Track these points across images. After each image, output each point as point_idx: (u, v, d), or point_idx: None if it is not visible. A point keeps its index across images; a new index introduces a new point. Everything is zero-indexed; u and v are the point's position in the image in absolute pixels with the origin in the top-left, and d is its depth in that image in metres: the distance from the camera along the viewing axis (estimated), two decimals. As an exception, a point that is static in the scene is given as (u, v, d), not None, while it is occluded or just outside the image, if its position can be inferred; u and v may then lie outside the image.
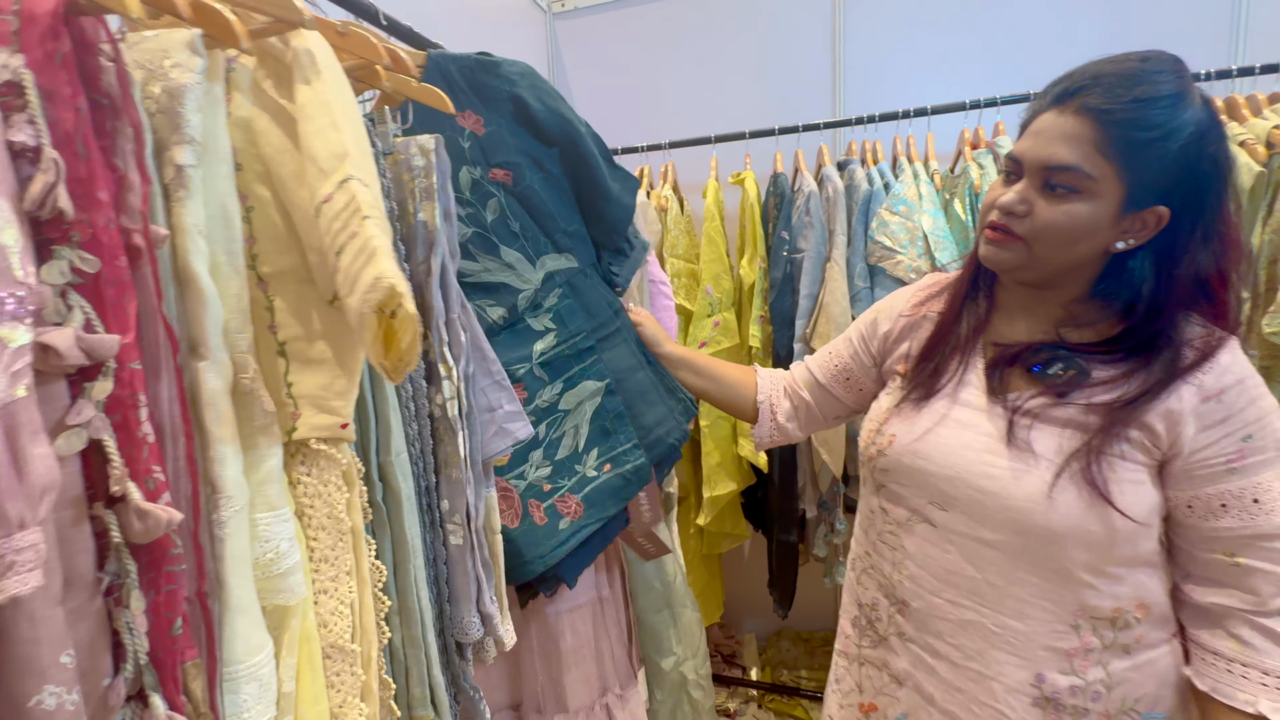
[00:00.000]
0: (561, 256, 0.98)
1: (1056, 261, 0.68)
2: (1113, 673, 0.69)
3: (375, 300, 0.50)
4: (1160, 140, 0.62)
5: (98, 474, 0.39)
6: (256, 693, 0.50)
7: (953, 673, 0.74)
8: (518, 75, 0.94)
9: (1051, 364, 0.71)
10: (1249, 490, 0.64)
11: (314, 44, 0.56)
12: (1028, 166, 0.67)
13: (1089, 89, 0.63)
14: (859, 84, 1.87)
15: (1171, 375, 0.66)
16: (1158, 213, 0.65)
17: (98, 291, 0.38)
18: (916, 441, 0.76)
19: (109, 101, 0.41)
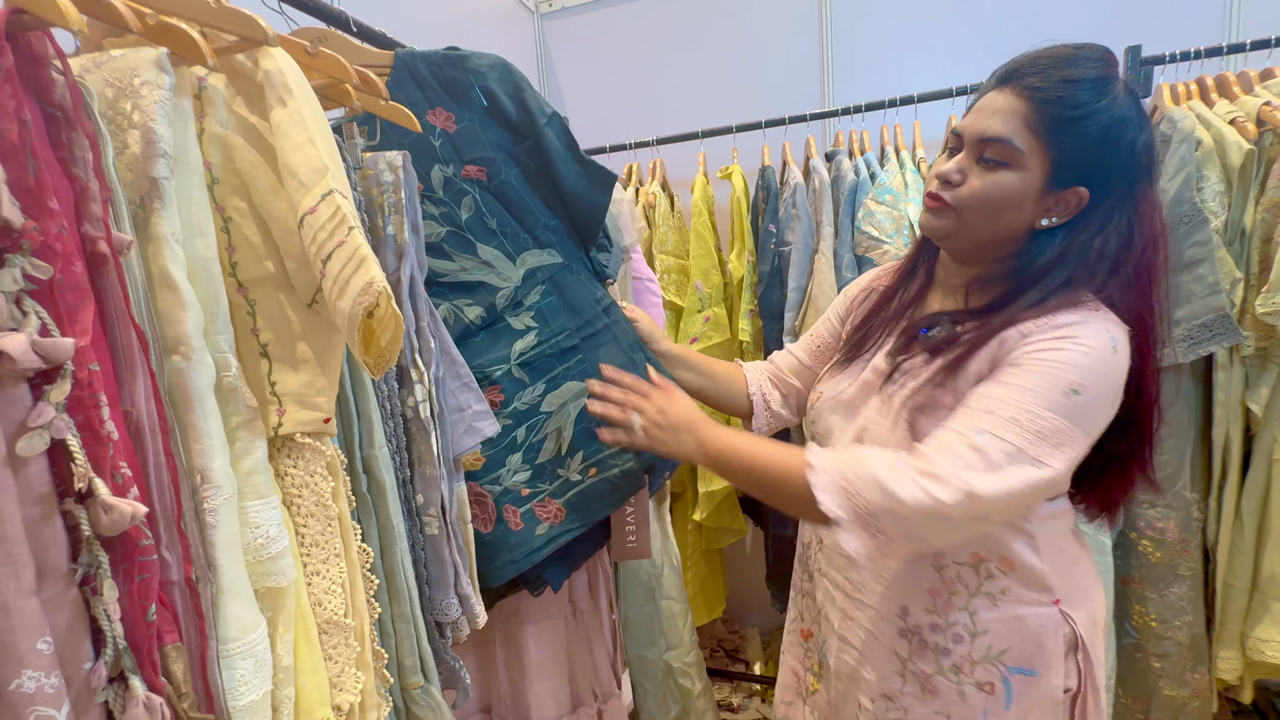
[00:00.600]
0: (544, 252, 0.93)
1: (984, 229, 0.71)
2: (978, 620, 0.73)
3: (367, 303, 0.52)
4: (1082, 120, 0.65)
5: (66, 472, 0.39)
6: (252, 668, 0.51)
7: (846, 602, 0.82)
8: (487, 68, 0.89)
9: (933, 327, 0.76)
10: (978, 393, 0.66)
11: (284, 64, 0.56)
12: (966, 139, 0.71)
13: (1026, 70, 0.67)
14: (848, 74, 1.85)
15: (1005, 324, 0.68)
16: (1078, 193, 0.68)
17: (53, 297, 0.39)
18: (834, 398, 0.84)
19: (62, 113, 0.41)
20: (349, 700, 0.60)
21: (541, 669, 1.00)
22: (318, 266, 0.55)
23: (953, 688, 0.74)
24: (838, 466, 0.67)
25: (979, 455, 0.63)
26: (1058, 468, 0.63)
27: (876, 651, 0.79)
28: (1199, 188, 1.29)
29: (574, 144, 0.93)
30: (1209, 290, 1.27)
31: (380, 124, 0.84)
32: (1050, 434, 0.63)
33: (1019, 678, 0.73)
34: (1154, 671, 1.40)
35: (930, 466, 0.64)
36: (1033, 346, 0.66)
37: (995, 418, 0.64)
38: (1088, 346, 0.64)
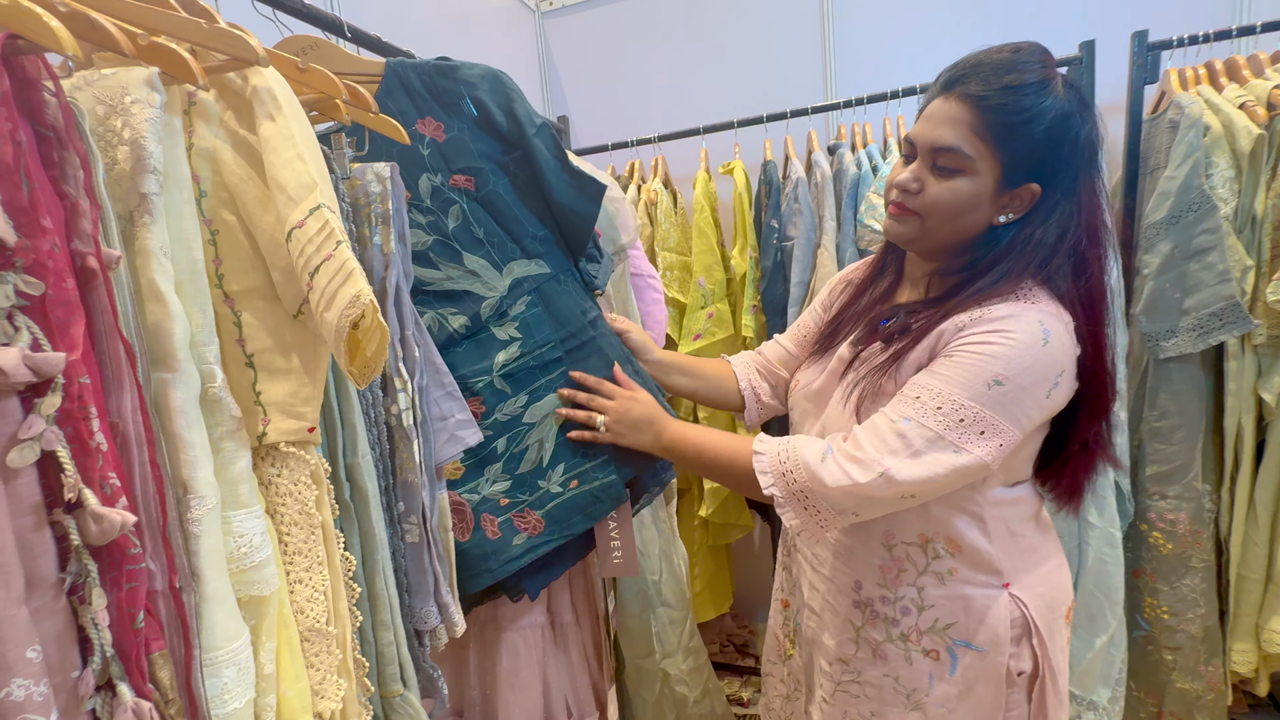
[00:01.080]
0: (531, 262, 0.93)
1: (946, 232, 0.74)
2: (925, 595, 0.78)
3: (353, 315, 0.52)
4: (1027, 123, 0.68)
5: (56, 483, 0.40)
6: (235, 676, 0.52)
7: (813, 575, 0.88)
8: (477, 78, 0.89)
9: (891, 318, 0.80)
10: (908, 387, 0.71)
11: (273, 81, 0.57)
12: (919, 148, 0.73)
13: (969, 77, 0.69)
14: (850, 66, 1.82)
15: (945, 316, 0.72)
16: (1031, 189, 0.71)
17: (44, 312, 0.39)
18: (804, 387, 0.89)
19: (54, 133, 0.42)
20: (331, 708, 0.60)
21: (513, 679, 0.99)
22: (305, 279, 0.55)
23: (900, 653, 0.79)
24: (776, 451, 0.76)
25: (902, 440, 0.68)
26: (978, 454, 0.68)
27: (834, 620, 0.85)
28: (1208, 174, 1.26)
29: (563, 154, 0.93)
30: (1219, 278, 1.24)
31: (369, 134, 0.84)
32: (972, 422, 0.67)
33: (964, 649, 0.77)
34: (1166, 664, 1.38)
35: (855, 451, 0.70)
36: (964, 340, 0.69)
37: (922, 405, 0.69)
38: (1015, 340, 0.67)
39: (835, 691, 0.85)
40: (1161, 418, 1.35)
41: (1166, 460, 1.35)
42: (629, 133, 1.78)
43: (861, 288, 0.91)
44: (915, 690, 0.79)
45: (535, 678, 1.01)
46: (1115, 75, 1.48)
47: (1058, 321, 0.69)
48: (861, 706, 0.83)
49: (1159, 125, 1.38)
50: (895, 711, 0.80)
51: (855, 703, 0.83)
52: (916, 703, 0.79)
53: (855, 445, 0.71)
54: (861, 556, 0.81)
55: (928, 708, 0.79)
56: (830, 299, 0.99)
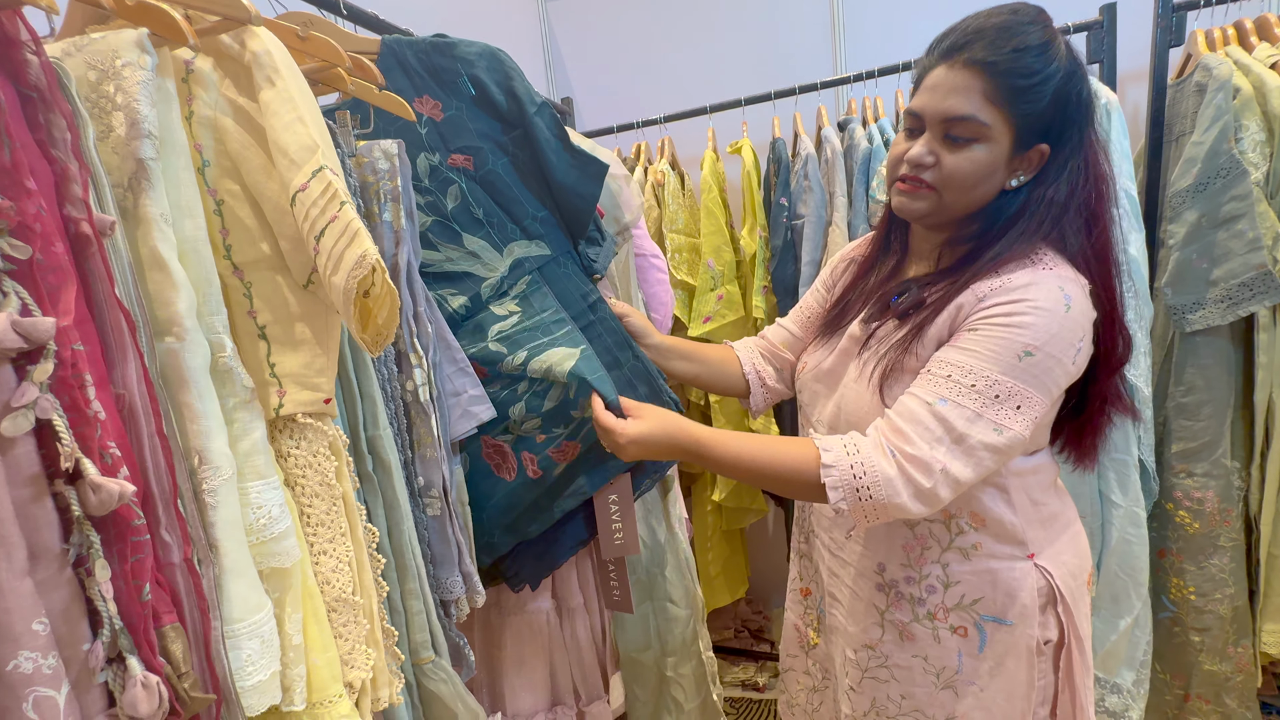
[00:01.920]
0: (532, 244, 0.90)
1: (963, 203, 0.73)
2: (950, 572, 0.76)
3: (361, 275, 0.50)
4: (1039, 85, 0.67)
5: (54, 453, 0.38)
6: (259, 649, 0.51)
7: (832, 561, 0.86)
8: (475, 56, 0.87)
9: (902, 294, 0.78)
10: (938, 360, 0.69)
11: (270, 45, 0.55)
12: (928, 120, 0.71)
13: (972, 43, 0.67)
14: (859, 39, 1.76)
15: (963, 287, 0.70)
16: (1040, 150, 0.70)
17: (33, 277, 0.38)
18: (816, 368, 0.86)
19: (38, 94, 0.40)
20: (360, 677, 0.60)
21: (518, 662, 0.98)
22: (311, 243, 0.53)
23: (928, 632, 0.77)
24: (848, 463, 0.69)
25: (944, 425, 0.66)
26: (1016, 429, 0.66)
27: (856, 605, 0.82)
28: (1237, 138, 1.21)
29: (564, 134, 0.90)
30: (1249, 247, 1.19)
31: (373, 112, 0.83)
32: (1007, 397, 0.66)
33: (992, 625, 0.75)
34: (1194, 646, 1.35)
35: (909, 448, 0.66)
36: (987, 311, 0.67)
37: (955, 384, 0.66)
38: (1040, 307, 0.65)
39: (863, 679, 0.82)
40: (1188, 393, 1.31)
41: (1193, 437, 1.31)
42: (634, 114, 1.75)
43: (866, 265, 0.88)
44: (945, 669, 0.77)
45: (541, 662, 1.00)
46: (1138, 39, 1.43)
47: (1076, 286, 0.68)
48: (891, 690, 0.80)
49: (1185, 90, 1.33)
50: (925, 692, 0.78)
51: (884, 688, 0.81)
52: (947, 681, 0.77)
53: (904, 439, 0.67)
54: (883, 538, 0.79)
55: (959, 686, 0.77)
56: (833, 278, 0.96)
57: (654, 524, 1.26)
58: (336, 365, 0.64)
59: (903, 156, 0.73)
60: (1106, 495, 1.32)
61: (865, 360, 0.76)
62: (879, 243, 0.88)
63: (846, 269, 0.94)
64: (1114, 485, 1.31)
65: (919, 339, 0.72)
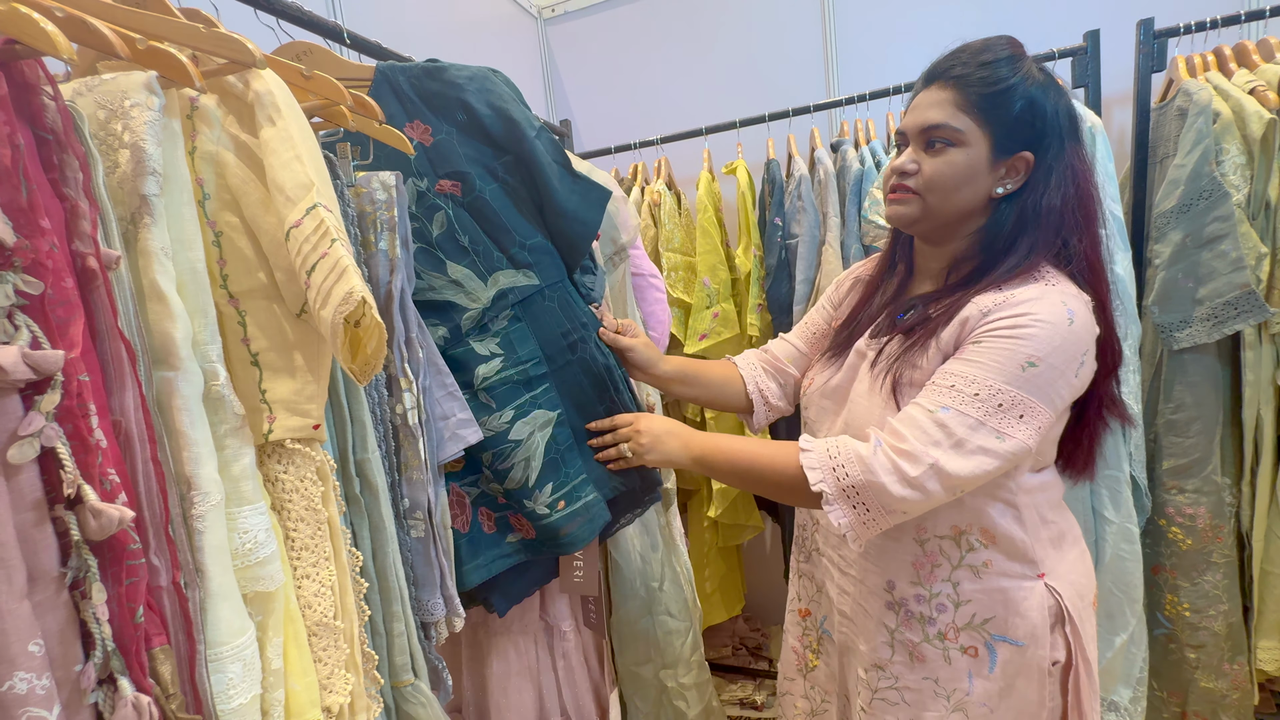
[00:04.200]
0: (519, 273, 0.87)
1: (947, 207, 0.76)
2: (961, 590, 0.76)
3: (347, 311, 0.53)
4: (1006, 92, 0.72)
5: (56, 479, 0.40)
6: (241, 672, 0.52)
7: (842, 579, 0.86)
8: (465, 80, 0.85)
9: (908, 311, 0.80)
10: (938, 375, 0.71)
11: (273, 85, 0.58)
12: (910, 134, 0.77)
13: (947, 65, 0.74)
14: (851, 63, 1.81)
15: (967, 300, 0.73)
16: (1024, 158, 0.74)
17: (44, 311, 0.40)
18: (824, 385, 0.87)
19: (54, 136, 0.42)
20: (339, 702, 0.60)
21: (504, 683, 0.98)
22: (302, 277, 0.56)
23: (939, 653, 0.77)
24: (824, 447, 0.73)
25: (944, 430, 0.67)
26: (1020, 438, 0.67)
27: (866, 624, 0.82)
28: (1218, 161, 1.24)
29: (565, 159, 0.88)
30: (1232, 267, 1.21)
31: (372, 144, 0.85)
32: (1010, 406, 0.67)
33: (1003, 645, 0.75)
34: (1189, 663, 1.34)
35: (900, 443, 0.68)
36: (991, 325, 0.69)
37: (958, 393, 0.68)
38: (1043, 320, 0.67)
39: (873, 699, 0.82)
40: (1177, 410, 1.32)
41: (1184, 453, 1.32)
42: (632, 135, 1.79)
43: (873, 285, 0.90)
44: (956, 690, 0.77)
45: (527, 683, 0.99)
46: (1122, 65, 1.46)
47: (1079, 302, 0.70)
48: (900, 713, 0.80)
49: (1167, 113, 1.35)
50: (935, 715, 0.78)
51: (894, 710, 0.80)
52: (958, 704, 0.77)
53: (898, 438, 0.69)
54: (893, 554, 0.79)
55: (969, 708, 0.76)
56: (838, 296, 0.98)
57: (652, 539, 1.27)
58: (327, 392, 0.65)
59: (891, 168, 0.79)
60: (1099, 511, 1.33)
61: (875, 375, 0.78)
62: (885, 262, 0.90)
63: (853, 288, 0.96)
64: (1106, 501, 1.32)
65: (925, 352, 0.74)
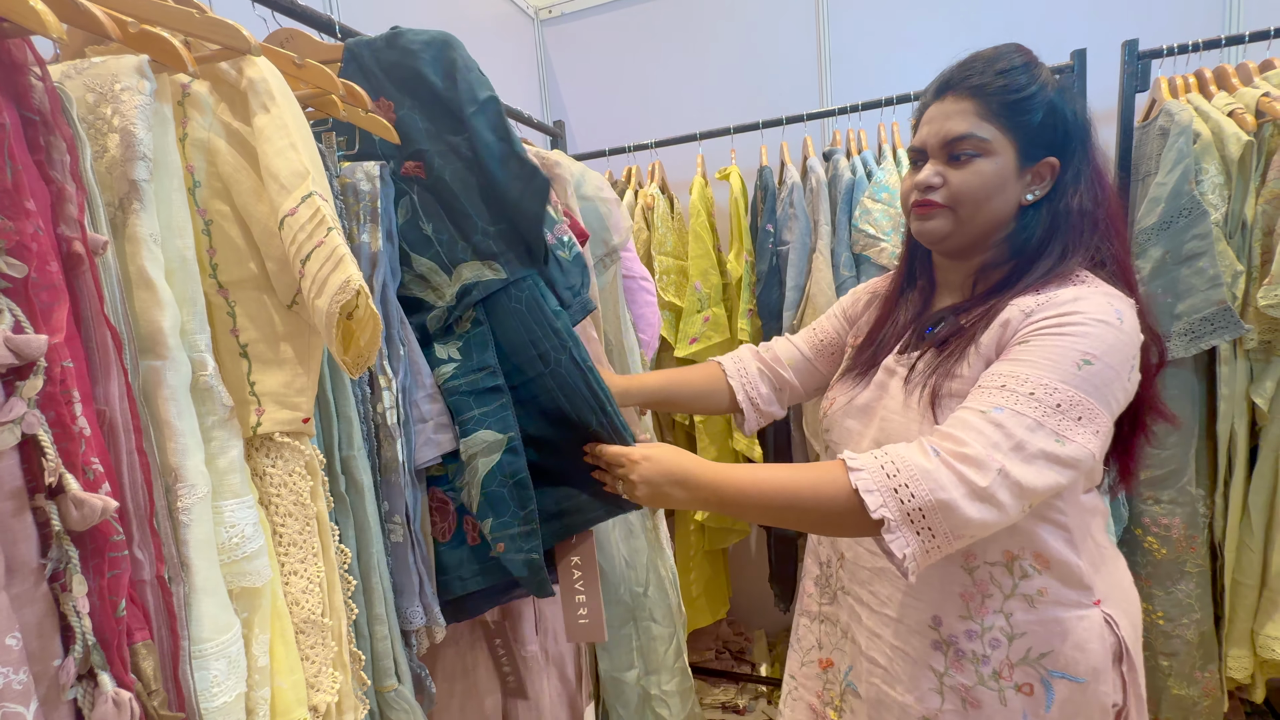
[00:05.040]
0: (484, 265, 0.76)
1: (979, 220, 0.73)
2: (1015, 622, 0.69)
3: (344, 300, 0.52)
4: (1027, 99, 0.70)
5: (37, 467, 0.39)
6: (225, 669, 0.51)
7: (872, 619, 0.77)
8: (420, 46, 0.75)
9: (938, 324, 0.77)
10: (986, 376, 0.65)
11: (267, 72, 0.57)
12: (931, 148, 0.74)
13: (962, 75, 0.72)
14: (845, 73, 1.83)
15: (1004, 298, 0.70)
16: (1050, 163, 0.72)
17: (27, 295, 0.39)
18: (848, 404, 0.82)
19: (40, 117, 0.41)
20: (326, 700, 0.59)
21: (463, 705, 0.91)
22: (297, 266, 0.55)
23: (994, 697, 0.69)
24: (878, 464, 0.62)
25: (1001, 431, 0.59)
26: (1080, 442, 0.60)
27: (908, 669, 0.73)
28: (1198, 180, 1.27)
29: (509, 136, 0.76)
30: (1209, 284, 1.24)
31: (358, 134, 0.81)
32: (1068, 407, 0.60)
33: (1061, 682, 0.68)
34: (1162, 670, 1.37)
35: (960, 448, 0.60)
36: (1038, 324, 0.65)
37: (1011, 394, 0.61)
38: (1094, 318, 0.64)
39: None
40: (1155, 422, 1.34)
41: (1160, 465, 1.35)
42: (626, 138, 1.79)
43: (892, 301, 0.86)
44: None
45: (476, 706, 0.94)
46: (1107, 83, 1.49)
47: (1123, 303, 0.66)
48: None
49: (1150, 132, 1.39)
50: None
51: None
52: None
53: (955, 441, 0.60)
54: (938, 585, 0.71)
55: None
56: (854, 311, 0.94)
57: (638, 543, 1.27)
58: (316, 385, 0.64)
59: (913, 184, 0.75)
60: (1078, 521, 1.35)
61: (910, 389, 0.73)
62: (902, 277, 0.86)
63: (870, 304, 0.91)
64: (1085, 511, 1.33)
65: (964, 360, 0.69)
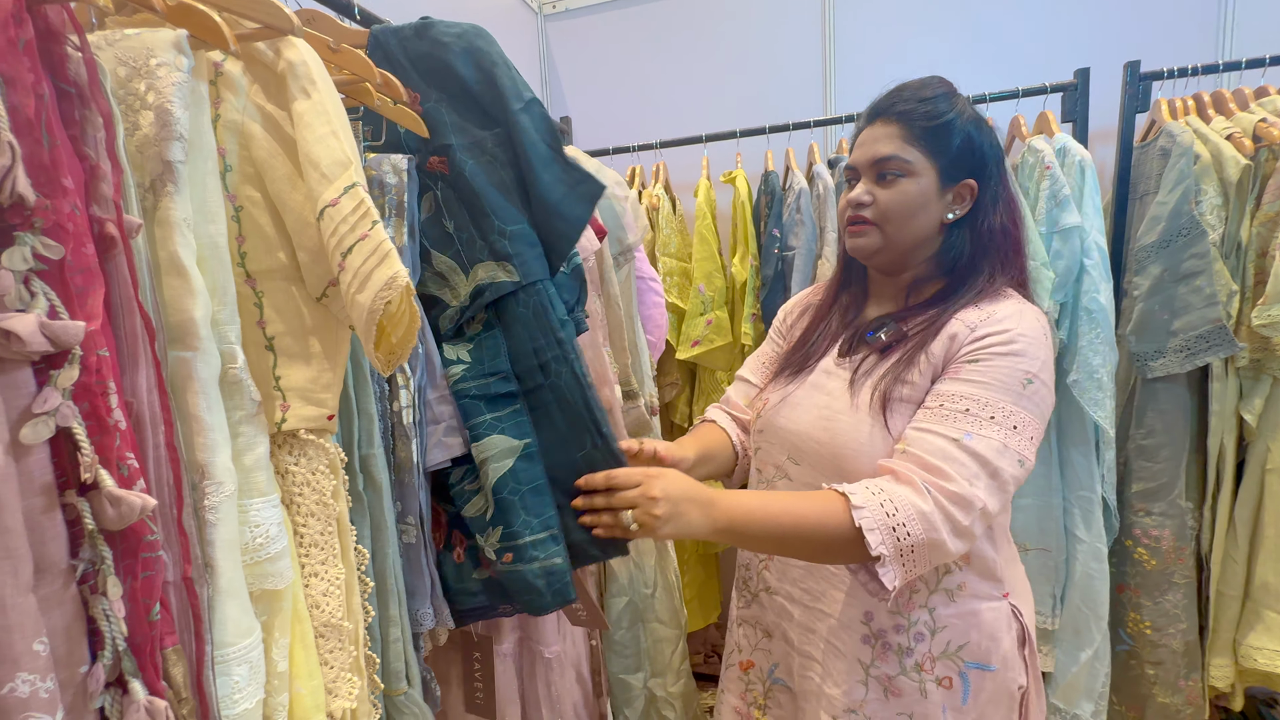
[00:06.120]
0: (498, 266, 0.74)
1: (904, 235, 0.78)
2: (937, 616, 0.75)
3: (390, 298, 0.51)
4: (946, 125, 0.76)
5: (69, 462, 0.37)
6: (247, 674, 0.49)
7: (805, 615, 0.81)
8: (452, 38, 0.74)
9: (879, 328, 0.81)
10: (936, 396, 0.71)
11: (307, 55, 0.55)
12: (862, 169, 0.80)
13: (890, 102, 0.79)
14: (850, 81, 1.85)
15: (947, 311, 0.75)
16: (969, 185, 0.78)
17: (63, 279, 0.37)
18: (780, 404, 0.84)
19: (76, 90, 0.39)
20: (345, 706, 0.58)
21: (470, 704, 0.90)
22: (336, 260, 0.53)
23: (914, 686, 0.75)
24: (877, 501, 0.67)
25: (979, 461, 0.67)
26: (1030, 460, 0.69)
27: (838, 664, 0.77)
28: (1197, 201, 1.30)
29: (556, 139, 0.76)
30: (1206, 302, 1.28)
31: (385, 125, 0.79)
32: (1022, 428, 0.68)
33: (976, 672, 0.75)
34: (1148, 678, 1.40)
35: (950, 485, 0.66)
36: (984, 341, 0.71)
37: (975, 419, 0.68)
38: (1028, 336, 0.71)
39: None
40: (1148, 436, 1.38)
41: (1152, 478, 1.38)
42: (630, 137, 1.78)
43: (825, 308, 0.90)
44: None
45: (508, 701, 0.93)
46: (1108, 103, 1.52)
47: (1044, 319, 0.75)
48: None
49: (1149, 152, 1.42)
50: None
51: None
52: None
53: (942, 476, 0.66)
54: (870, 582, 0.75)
55: None
56: (786, 325, 0.97)
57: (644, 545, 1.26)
58: (342, 381, 0.62)
59: (847, 202, 0.81)
60: (1071, 531, 1.38)
61: (856, 391, 0.77)
62: (837, 286, 0.91)
63: (802, 315, 0.95)
64: (1079, 521, 1.37)
65: (914, 367, 0.75)
